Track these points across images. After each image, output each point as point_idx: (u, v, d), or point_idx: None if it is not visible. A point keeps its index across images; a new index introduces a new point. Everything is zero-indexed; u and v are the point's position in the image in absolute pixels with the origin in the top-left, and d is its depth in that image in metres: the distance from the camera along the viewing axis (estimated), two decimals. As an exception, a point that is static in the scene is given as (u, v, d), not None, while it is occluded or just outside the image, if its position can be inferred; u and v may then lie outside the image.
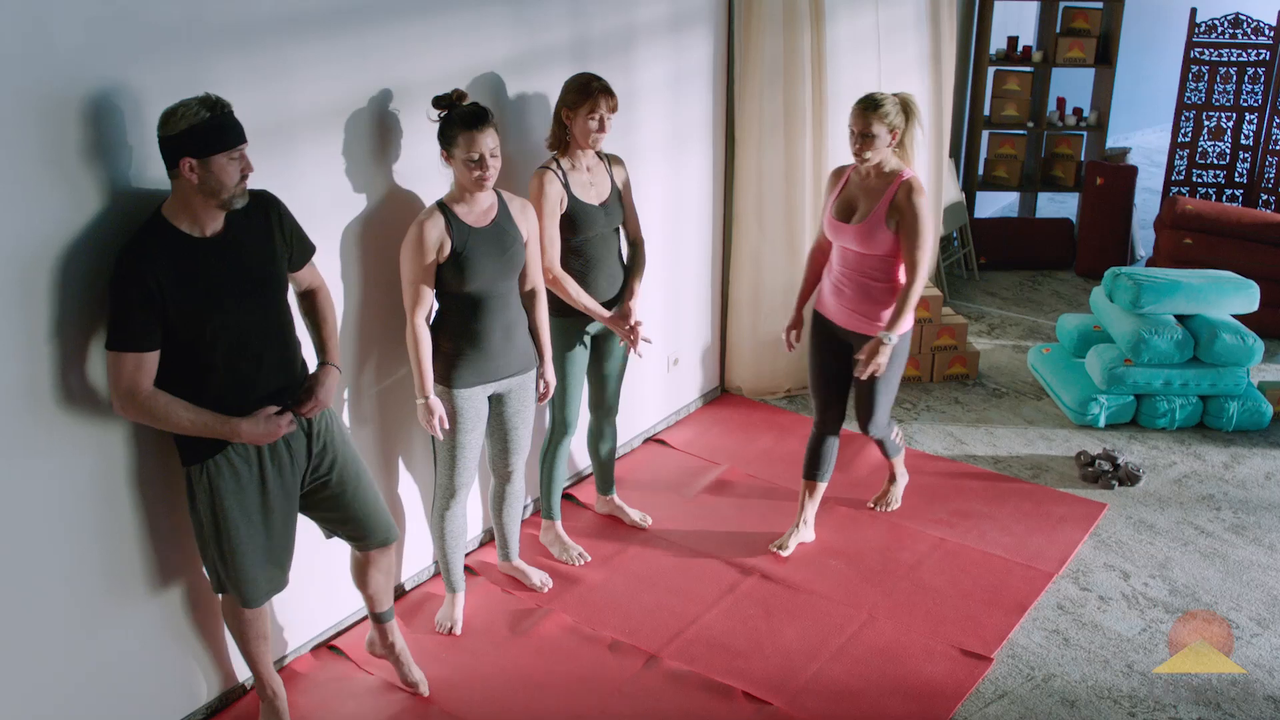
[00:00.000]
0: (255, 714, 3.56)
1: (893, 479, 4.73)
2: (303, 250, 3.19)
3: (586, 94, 3.87)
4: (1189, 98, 7.53)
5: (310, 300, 3.32)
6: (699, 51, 4.94)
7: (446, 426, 3.67)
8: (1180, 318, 5.47)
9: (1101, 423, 5.43)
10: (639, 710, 3.64)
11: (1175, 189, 7.66)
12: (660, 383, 5.26)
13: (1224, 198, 7.64)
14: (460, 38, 3.78)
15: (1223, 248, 6.56)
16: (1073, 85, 7.85)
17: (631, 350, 4.17)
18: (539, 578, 4.22)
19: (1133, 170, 7.27)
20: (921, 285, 4.00)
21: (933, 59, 6.15)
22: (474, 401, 3.72)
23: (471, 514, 4.39)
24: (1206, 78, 7.47)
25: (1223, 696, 3.71)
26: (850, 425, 4.55)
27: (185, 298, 2.86)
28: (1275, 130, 7.40)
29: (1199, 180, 7.67)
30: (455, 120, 3.43)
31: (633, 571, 4.31)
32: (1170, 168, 7.67)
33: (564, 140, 3.96)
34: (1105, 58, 7.36)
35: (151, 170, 2.95)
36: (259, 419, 3.01)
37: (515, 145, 4.10)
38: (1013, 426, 5.48)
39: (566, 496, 4.76)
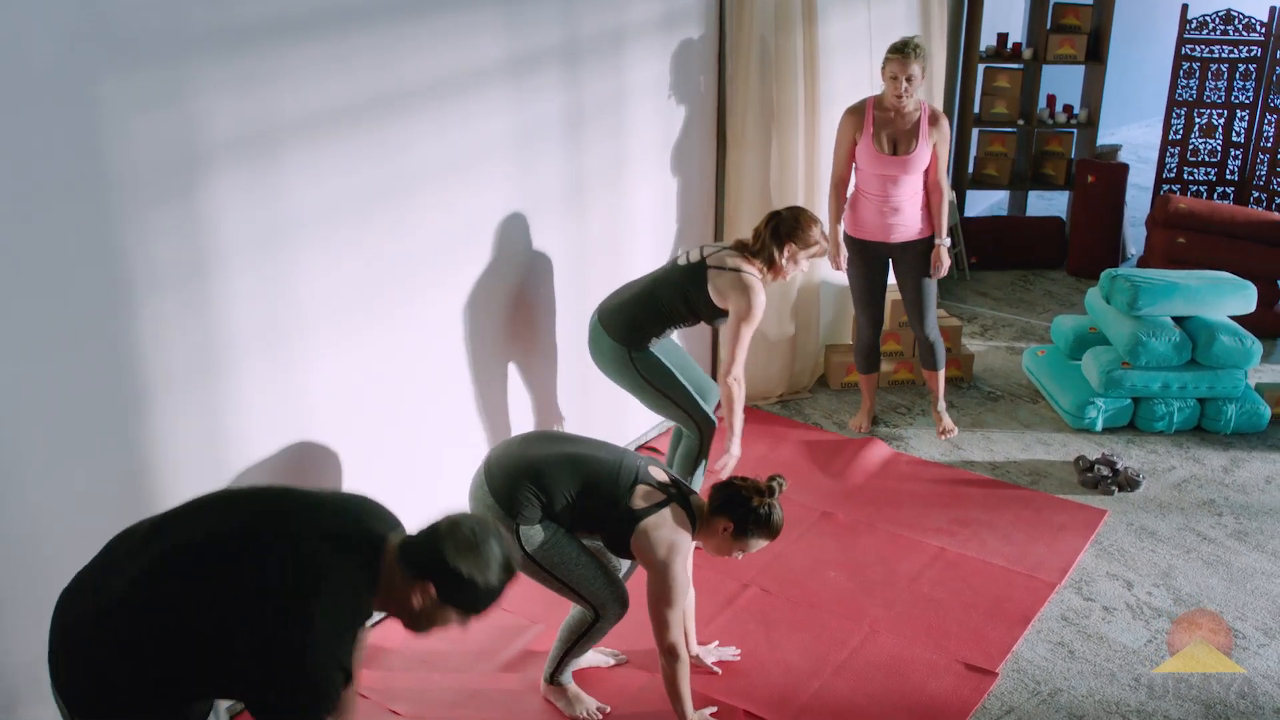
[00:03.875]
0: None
1: (936, 400, 5.23)
2: None
3: (819, 240, 4.16)
4: (1180, 95, 7.47)
5: None
6: (690, 52, 4.84)
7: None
8: (1178, 319, 5.41)
9: (1099, 426, 5.36)
10: (638, 731, 3.54)
11: (1166, 187, 7.61)
12: (652, 389, 5.17)
13: (1215, 195, 7.59)
14: (450, 41, 3.66)
15: (1216, 247, 6.51)
16: (1063, 82, 7.78)
17: None
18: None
19: (1124, 168, 7.21)
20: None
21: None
22: None
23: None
24: (1198, 75, 7.41)
25: (1232, 710, 3.65)
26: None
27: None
28: (1267, 128, 7.34)
29: (1190, 178, 7.61)
30: (766, 527, 3.23)
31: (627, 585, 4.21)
32: (1161, 165, 7.61)
33: (772, 261, 4.13)
34: (1096, 54, 7.29)
35: (146, 175, 2.84)
36: None
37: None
38: (1009, 430, 5.41)
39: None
